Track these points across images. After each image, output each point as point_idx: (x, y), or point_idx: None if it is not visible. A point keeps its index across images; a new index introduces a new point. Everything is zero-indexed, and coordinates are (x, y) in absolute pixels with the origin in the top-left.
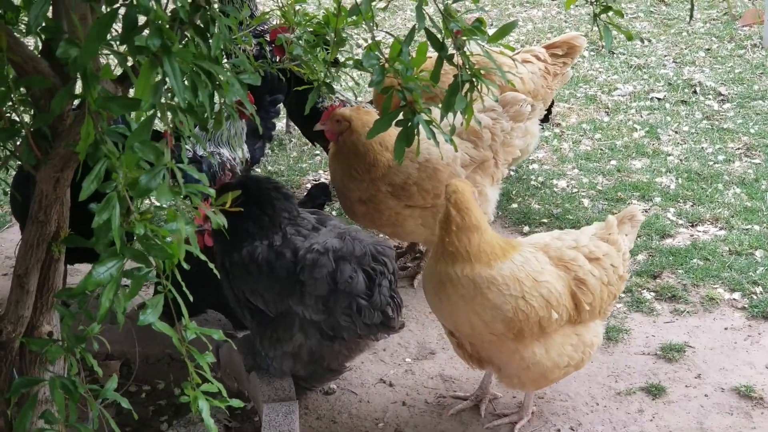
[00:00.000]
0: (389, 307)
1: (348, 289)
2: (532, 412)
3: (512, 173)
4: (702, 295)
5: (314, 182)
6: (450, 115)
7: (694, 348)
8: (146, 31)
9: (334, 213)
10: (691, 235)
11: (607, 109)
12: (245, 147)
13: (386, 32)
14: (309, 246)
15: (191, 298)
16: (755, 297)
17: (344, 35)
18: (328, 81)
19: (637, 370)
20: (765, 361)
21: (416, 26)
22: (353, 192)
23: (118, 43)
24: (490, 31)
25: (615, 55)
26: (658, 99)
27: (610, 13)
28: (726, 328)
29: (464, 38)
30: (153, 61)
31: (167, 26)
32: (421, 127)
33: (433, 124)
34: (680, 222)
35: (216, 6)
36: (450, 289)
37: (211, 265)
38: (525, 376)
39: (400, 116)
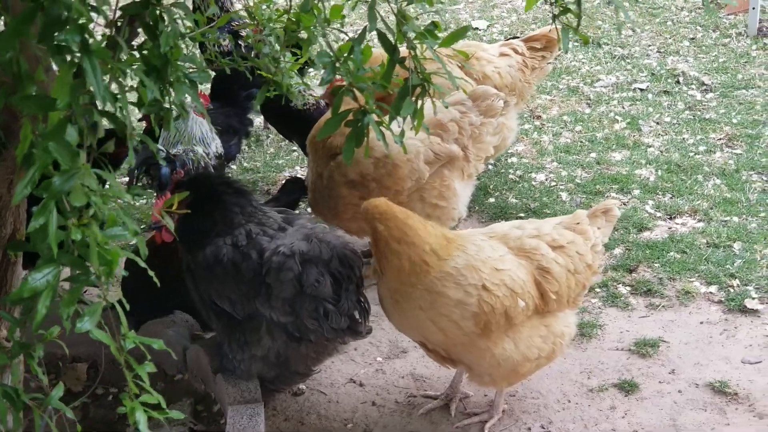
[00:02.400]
0: (356, 312)
1: (314, 293)
2: (503, 410)
3: (490, 167)
4: (678, 288)
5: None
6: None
7: (668, 343)
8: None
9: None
10: (669, 228)
11: (588, 101)
12: (219, 143)
13: (340, 30)
14: (275, 248)
15: (128, 307)
16: (732, 290)
17: (317, 33)
18: (294, 81)
19: (610, 366)
20: (740, 356)
21: (367, 27)
22: (317, 186)
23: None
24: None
25: (599, 45)
26: (641, 90)
27: (569, 15)
28: (702, 322)
29: (416, 42)
30: (73, 60)
31: (88, 23)
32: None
33: (384, 124)
34: (658, 215)
35: (167, 3)
36: (405, 304)
37: (151, 273)
38: (496, 373)
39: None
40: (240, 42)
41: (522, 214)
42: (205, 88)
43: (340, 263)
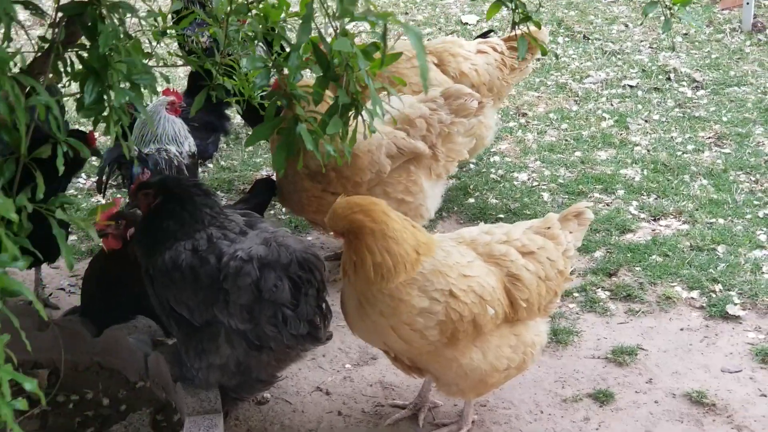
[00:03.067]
0: (317, 317)
1: (273, 298)
2: (473, 421)
3: (472, 166)
4: (659, 293)
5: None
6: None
7: (647, 351)
8: None
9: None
10: (653, 230)
11: (576, 98)
12: (192, 141)
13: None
14: (233, 252)
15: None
16: (714, 295)
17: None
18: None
19: (585, 375)
20: (720, 364)
21: (299, 40)
22: (283, 180)
23: None
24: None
25: (590, 41)
26: (631, 86)
27: (530, 24)
28: (682, 329)
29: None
30: None
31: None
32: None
33: (318, 133)
34: (642, 216)
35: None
36: (368, 309)
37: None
38: (464, 384)
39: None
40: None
41: (501, 215)
42: (182, 83)
43: (299, 267)
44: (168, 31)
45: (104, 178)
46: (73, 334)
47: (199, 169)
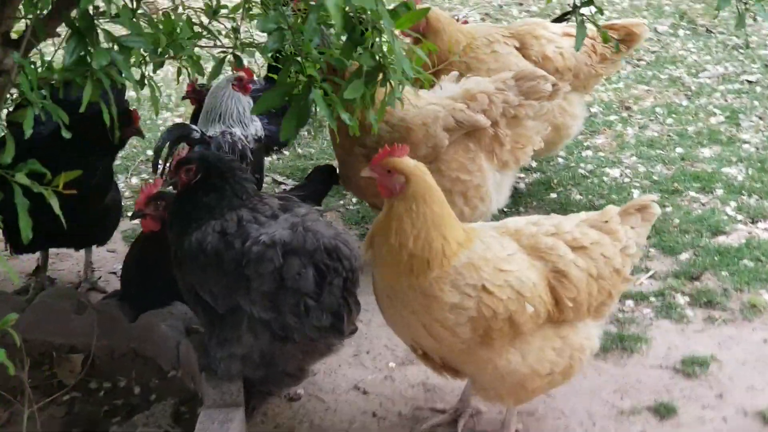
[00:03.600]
0: (342, 309)
1: (296, 286)
2: (516, 430)
3: (560, 160)
4: (744, 301)
5: None
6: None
7: (721, 362)
8: None
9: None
10: (749, 233)
11: (688, 92)
12: (259, 124)
13: None
14: (256, 237)
15: None
16: None
17: None
18: None
19: (648, 386)
20: None
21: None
22: (343, 161)
23: None
24: None
25: (712, 34)
26: (750, 82)
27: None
28: (765, 340)
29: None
30: None
31: None
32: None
33: (333, 100)
34: (739, 218)
35: None
36: (398, 303)
37: None
38: (501, 387)
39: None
40: None
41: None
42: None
43: (326, 255)
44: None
45: (161, 159)
46: (110, 318)
47: (273, 156)
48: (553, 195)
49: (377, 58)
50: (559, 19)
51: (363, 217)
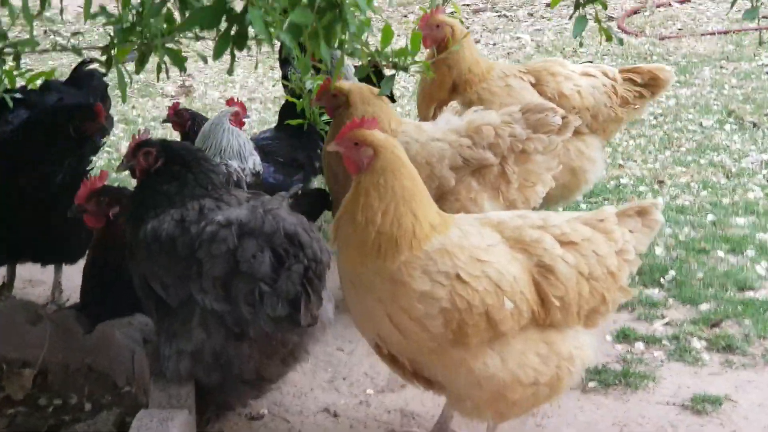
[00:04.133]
0: (300, 298)
1: (250, 270)
2: None
3: (582, 206)
4: (767, 347)
5: None
6: None
7: (736, 402)
8: None
9: None
10: None
11: (729, 174)
12: (257, 159)
13: None
14: (211, 218)
15: None
16: None
17: None
18: None
19: (651, 421)
20: None
21: None
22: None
23: None
24: None
25: (759, 129)
26: None
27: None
28: None
29: None
30: None
31: None
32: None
33: (274, 25)
34: None
35: None
36: (362, 290)
37: None
38: (478, 396)
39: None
40: None
41: None
42: (274, 113)
43: (287, 240)
44: None
45: None
46: (65, 330)
47: None
48: None
49: None
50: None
51: None
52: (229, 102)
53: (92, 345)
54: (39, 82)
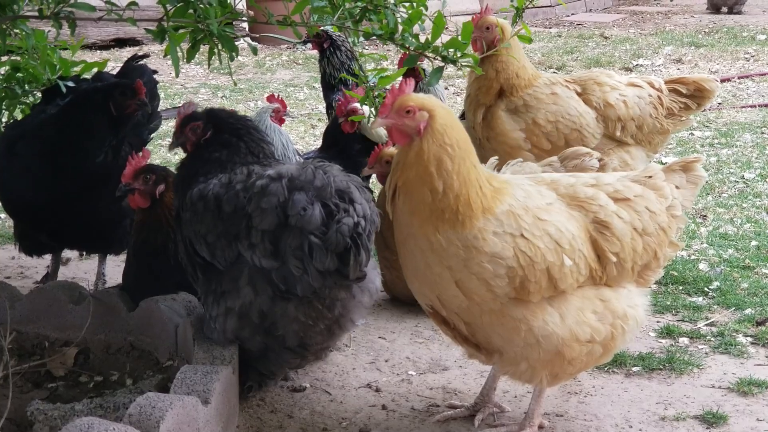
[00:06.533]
0: (349, 253)
1: (300, 223)
2: (541, 426)
3: None
4: None
5: None
6: None
7: None
8: None
9: None
10: None
11: None
12: (300, 160)
13: None
14: (261, 173)
15: None
16: None
17: None
18: None
19: (697, 401)
20: None
21: None
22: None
23: None
24: None
25: None
26: None
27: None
28: None
29: None
30: None
31: None
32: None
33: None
34: None
35: None
36: (431, 257)
37: None
38: (534, 357)
39: None
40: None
41: None
42: (317, 134)
43: (337, 195)
44: None
45: None
46: (108, 308)
47: None
48: None
49: None
50: None
51: None
52: (270, 98)
53: (135, 323)
54: (92, 72)
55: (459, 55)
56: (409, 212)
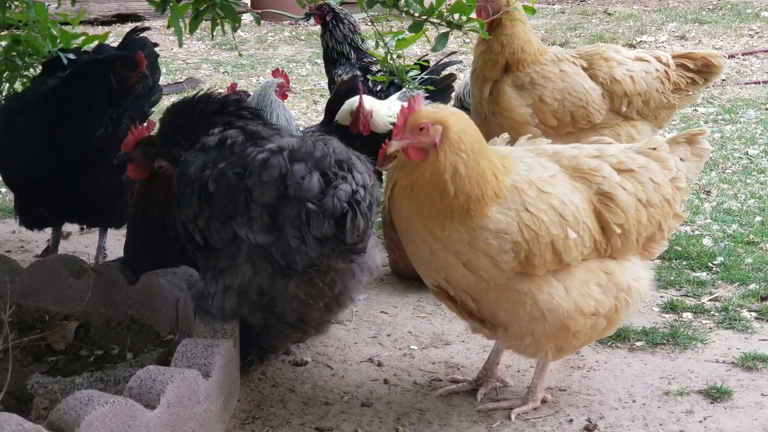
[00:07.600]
0: (346, 217)
1: (298, 192)
2: (544, 400)
3: None
4: None
5: None
6: None
7: None
8: None
9: None
10: None
11: None
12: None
13: None
14: (262, 147)
15: None
16: None
17: None
18: None
19: (701, 376)
20: None
21: None
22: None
23: None
24: None
25: None
26: None
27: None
28: None
29: None
30: None
31: None
32: None
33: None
34: None
35: None
36: (435, 246)
37: None
38: (539, 330)
39: None
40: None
41: None
42: (319, 110)
43: (336, 164)
44: None
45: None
46: (108, 282)
47: None
48: None
49: None
50: None
51: None
52: (275, 73)
53: (136, 297)
54: (92, 45)
55: (464, 20)
56: (415, 211)
